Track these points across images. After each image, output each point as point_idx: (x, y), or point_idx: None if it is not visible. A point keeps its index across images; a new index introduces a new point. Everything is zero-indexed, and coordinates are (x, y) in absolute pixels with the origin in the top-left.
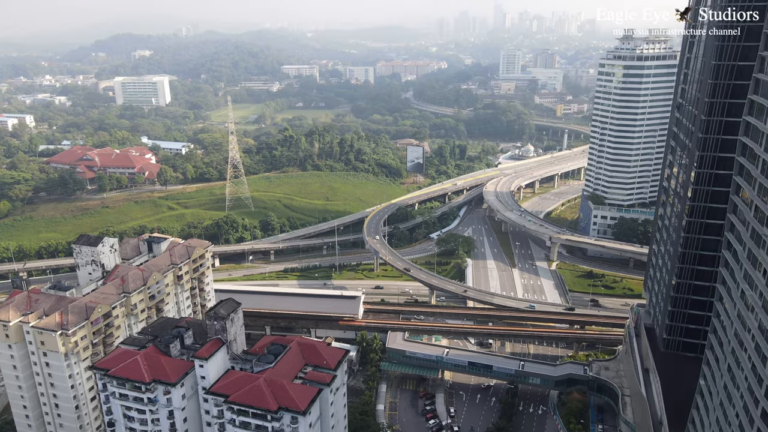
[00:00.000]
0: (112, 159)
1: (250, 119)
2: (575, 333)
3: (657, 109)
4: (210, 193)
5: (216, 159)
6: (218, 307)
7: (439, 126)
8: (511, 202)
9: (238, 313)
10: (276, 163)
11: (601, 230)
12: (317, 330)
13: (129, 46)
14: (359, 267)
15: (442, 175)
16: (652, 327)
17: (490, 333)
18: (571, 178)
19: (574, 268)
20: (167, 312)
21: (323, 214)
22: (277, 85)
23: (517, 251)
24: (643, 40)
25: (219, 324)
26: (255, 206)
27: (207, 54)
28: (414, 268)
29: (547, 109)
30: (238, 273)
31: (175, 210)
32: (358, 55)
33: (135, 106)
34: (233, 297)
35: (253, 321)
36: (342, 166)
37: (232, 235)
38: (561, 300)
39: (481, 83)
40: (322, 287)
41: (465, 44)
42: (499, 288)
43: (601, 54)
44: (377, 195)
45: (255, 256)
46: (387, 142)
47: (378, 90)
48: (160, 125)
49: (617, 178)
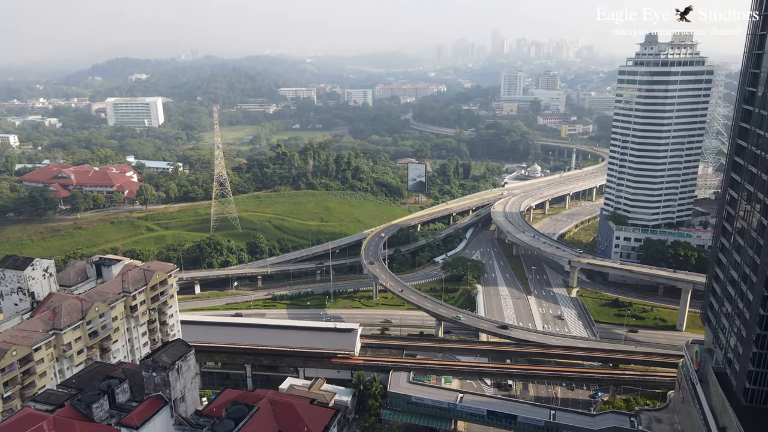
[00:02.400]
0: (90, 177)
1: (245, 140)
2: (612, 374)
3: (684, 119)
4: (194, 213)
5: (202, 177)
6: (160, 353)
7: (440, 146)
8: (522, 223)
9: (188, 360)
10: (267, 182)
11: (624, 253)
12: (306, 369)
13: (126, 70)
14: (356, 294)
15: (445, 195)
16: (724, 372)
17: (510, 373)
18: (582, 198)
19: (597, 295)
20: (114, 353)
21: (317, 235)
22: (274, 107)
23: (532, 276)
24: (667, 45)
25: (159, 376)
26: (243, 227)
27: (204, 77)
28: (417, 296)
29: (552, 130)
30: (220, 300)
31: (155, 231)
32: (356, 80)
33: (127, 127)
34: (209, 330)
35: (231, 359)
36: (338, 184)
37: (216, 259)
38: (587, 332)
39: (483, 104)
40: (314, 318)
41: (464, 69)
42: (514, 318)
43: (601, 76)
44: (376, 215)
45: (241, 282)
46: (386, 160)
47: (376, 111)
48: (150, 145)
49: (641, 196)
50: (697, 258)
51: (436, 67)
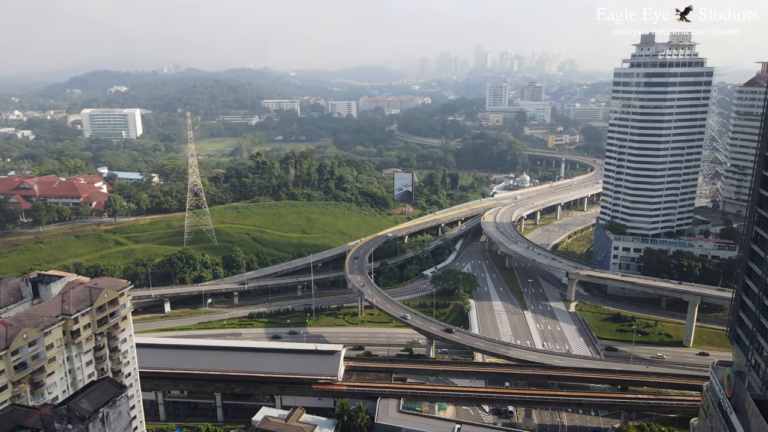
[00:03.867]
0: (54, 188)
1: (226, 152)
2: (624, 398)
3: (684, 123)
4: (167, 225)
5: (177, 187)
6: (79, 397)
7: (426, 157)
8: (514, 233)
9: (118, 406)
10: (246, 192)
11: (623, 264)
12: (283, 397)
13: (105, 82)
14: (340, 311)
15: (433, 206)
16: (765, 399)
17: (511, 398)
18: (574, 208)
19: (597, 309)
20: (50, 387)
21: (298, 248)
22: (257, 118)
23: (527, 290)
24: (665, 45)
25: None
26: (219, 240)
27: (185, 89)
28: (406, 311)
29: (538, 140)
30: (192, 320)
31: (123, 245)
32: (341, 93)
33: (103, 139)
34: (174, 354)
35: (199, 386)
36: (321, 194)
37: (189, 274)
38: (589, 350)
39: (468, 115)
40: (293, 337)
41: (448, 82)
42: (511, 336)
43: (584, 88)
44: (361, 227)
45: (215, 299)
46: (371, 170)
47: (361, 123)
48: (126, 157)
49: (640, 204)
50: (702, 269)
51: (420, 81)
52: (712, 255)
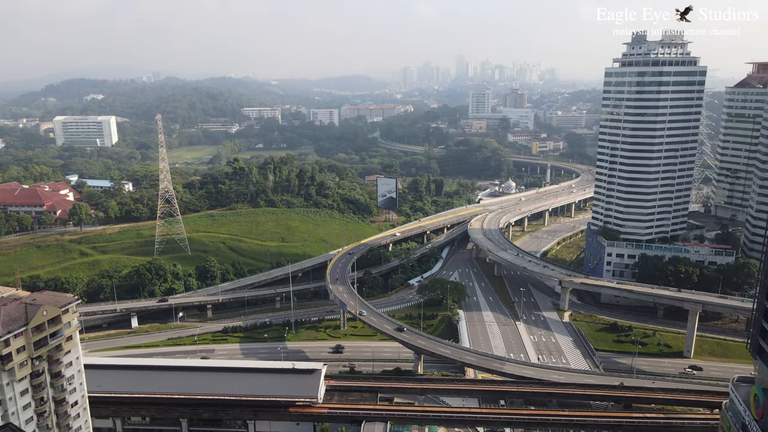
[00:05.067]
0: (16, 195)
1: (204, 160)
2: (632, 418)
3: (678, 124)
4: (137, 234)
5: (148, 194)
6: None
7: (409, 164)
8: (502, 240)
9: None
10: (222, 199)
11: (616, 271)
12: (257, 422)
13: (82, 91)
14: (321, 324)
15: (418, 212)
16: None
17: (508, 420)
18: (561, 214)
19: (592, 319)
20: None
21: (277, 257)
22: (237, 126)
23: (518, 299)
24: (657, 44)
25: None
26: (193, 249)
27: (163, 96)
28: (391, 324)
29: (523, 147)
30: (161, 335)
31: (89, 256)
32: (322, 101)
33: (77, 147)
34: (135, 376)
35: (163, 412)
36: (301, 201)
37: (159, 286)
38: (587, 363)
39: (451, 122)
40: (271, 353)
41: (429, 91)
42: (504, 349)
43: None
44: (343, 235)
45: (187, 313)
46: (354, 176)
47: (343, 130)
48: (99, 164)
49: (634, 208)
50: (699, 275)
51: (402, 90)
52: (709, 261)
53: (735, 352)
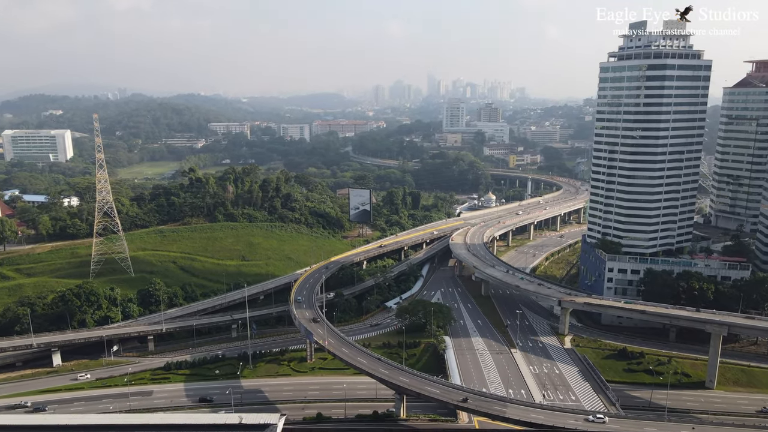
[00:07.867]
0: None
1: (166, 175)
2: None
3: (682, 124)
4: (71, 253)
5: (88, 209)
6: None
7: (383, 178)
8: (488, 256)
9: None
10: (175, 213)
11: (619, 288)
12: None
13: (40, 107)
14: (285, 356)
15: (394, 227)
16: None
17: None
18: (546, 228)
19: (597, 344)
20: None
21: (236, 278)
22: (203, 141)
23: (511, 322)
24: (658, 35)
25: None
26: (137, 271)
27: (126, 111)
28: (368, 357)
29: (499, 160)
30: (91, 374)
31: (10, 279)
32: (293, 118)
33: (27, 162)
34: None
35: None
36: (265, 215)
37: (91, 314)
38: (600, 398)
39: (426, 136)
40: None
41: (402, 109)
42: (500, 383)
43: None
44: (312, 252)
45: (125, 346)
46: (324, 189)
47: (314, 145)
48: (47, 180)
49: (636, 218)
50: (715, 291)
51: (374, 107)
52: (722, 275)
53: (762, 381)
